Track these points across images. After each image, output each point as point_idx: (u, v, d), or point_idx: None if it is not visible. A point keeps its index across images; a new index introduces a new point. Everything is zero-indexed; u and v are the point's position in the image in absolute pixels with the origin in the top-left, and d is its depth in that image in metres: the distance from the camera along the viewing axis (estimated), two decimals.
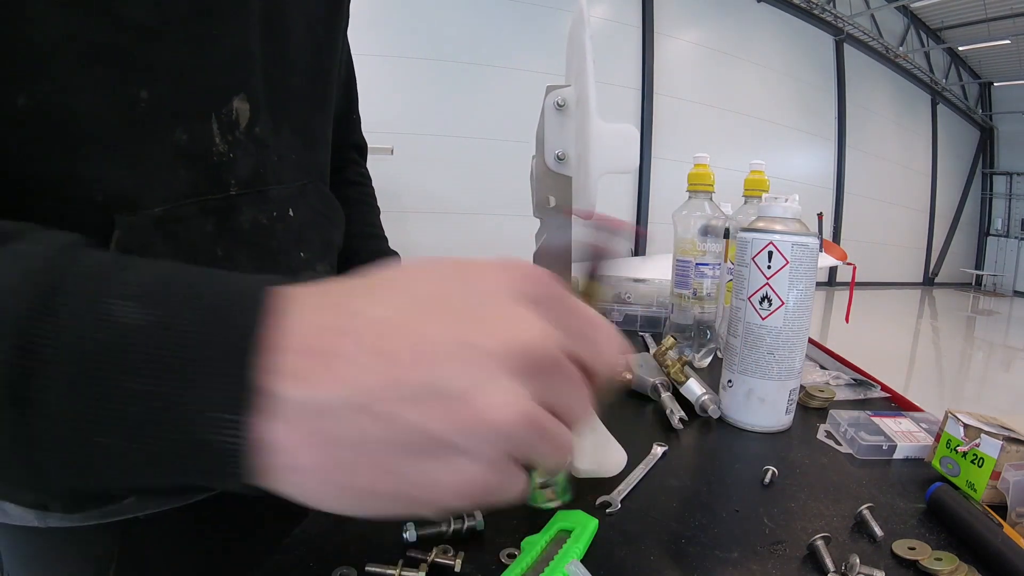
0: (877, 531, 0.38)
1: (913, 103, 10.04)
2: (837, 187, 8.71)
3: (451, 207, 5.55)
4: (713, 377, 0.68)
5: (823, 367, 0.76)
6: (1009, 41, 8.76)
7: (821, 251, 0.74)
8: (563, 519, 0.37)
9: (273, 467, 0.18)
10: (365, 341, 0.19)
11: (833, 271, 8.10)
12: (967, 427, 0.45)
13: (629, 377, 0.67)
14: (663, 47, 6.64)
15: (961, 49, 9.92)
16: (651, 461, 0.48)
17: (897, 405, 0.65)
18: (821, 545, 0.36)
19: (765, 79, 7.62)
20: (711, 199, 0.78)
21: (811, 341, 0.78)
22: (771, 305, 0.55)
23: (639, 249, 6.50)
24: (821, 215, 7.99)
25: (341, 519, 0.37)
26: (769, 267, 0.55)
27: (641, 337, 0.89)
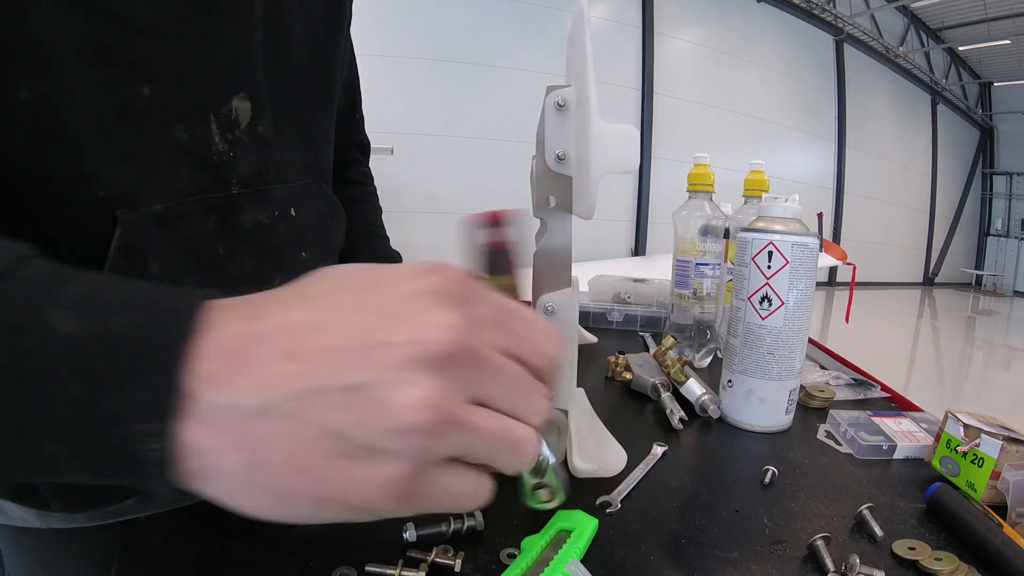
0: (877, 531, 0.38)
1: (913, 103, 10.04)
2: (837, 187, 8.71)
3: (451, 207, 5.54)
4: (713, 377, 0.68)
5: (823, 367, 0.76)
6: (1009, 41, 8.76)
7: (821, 251, 0.74)
8: (563, 519, 0.37)
9: (198, 471, 0.19)
10: (278, 345, 0.19)
11: (833, 271, 8.10)
12: (967, 427, 0.45)
13: (629, 377, 0.67)
14: (663, 47, 6.64)
15: (961, 49, 9.92)
16: (651, 461, 0.48)
17: (897, 405, 0.65)
18: (821, 545, 0.36)
19: (765, 79, 7.61)
20: (711, 199, 0.78)
21: (811, 341, 0.78)
22: (771, 305, 0.55)
23: (639, 248, 6.50)
24: (821, 215, 7.98)
25: None
26: (769, 267, 0.55)
27: (641, 337, 0.89)
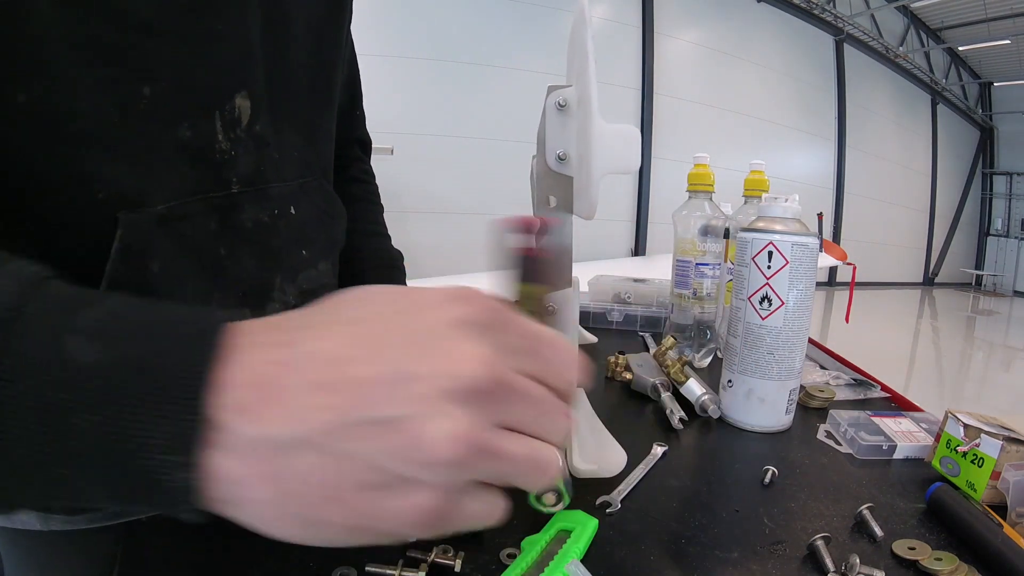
0: (877, 531, 0.38)
1: (913, 103, 10.03)
2: (837, 187, 8.70)
3: (451, 207, 5.54)
4: (713, 377, 0.68)
5: (823, 367, 0.76)
6: (1009, 41, 8.76)
7: (821, 251, 0.74)
8: (563, 519, 0.37)
9: (227, 499, 0.19)
10: (309, 375, 0.19)
11: (833, 271, 8.10)
12: (967, 427, 0.45)
13: (629, 377, 0.67)
14: (663, 47, 6.63)
15: (961, 49, 9.91)
16: (651, 461, 0.48)
17: (897, 405, 0.65)
18: (821, 545, 0.36)
19: (765, 79, 7.61)
20: (711, 199, 0.78)
21: (811, 341, 0.78)
22: (771, 305, 0.55)
23: (639, 249, 6.50)
24: (821, 215, 7.98)
25: None
26: (769, 267, 0.55)
27: (641, 337, 0.89)
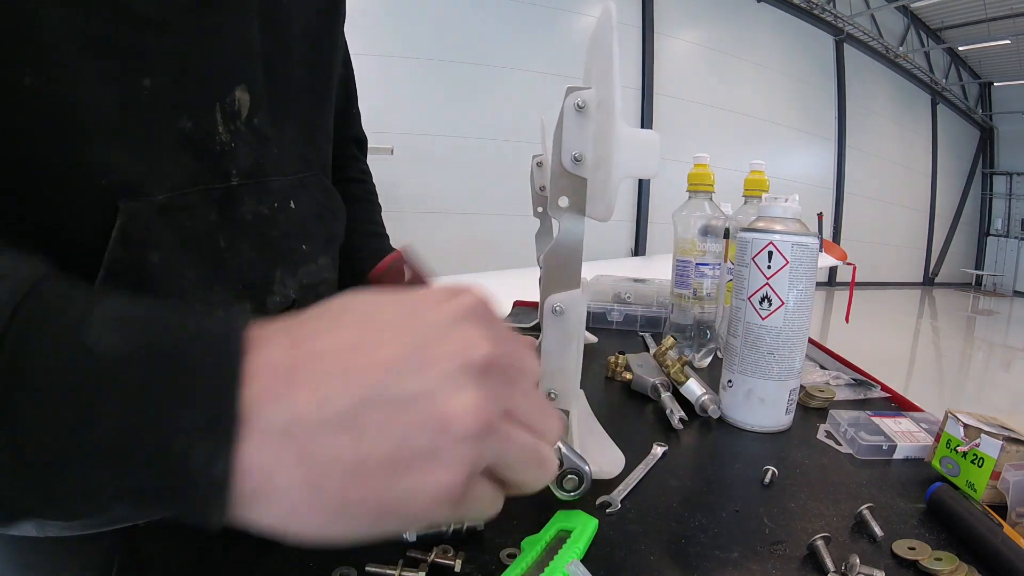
0: (877, 531, 0.38)
1: (913, 103, 10.04)
2: (837, 187, 8.71)
3: (451, 207, 5.55)
4: (713, 377, 0.68)
5: (823, 367, 0.76)
6: (1009, 41, 8.76)
7: (821, 251, 0.74)
8: (563, 519, 0.37)
9: (257, 491, 0.18)
10: (333, 363, 0.20)
11: (833, 271, 8.10)
12: (967, 427, 0.45)
13: (629, 377, 0.67)
14: (663, 47, 6.64)
15: (961, 49, 9.92)
16: (651, 461, 0.48)
17: (897, 405, 0.65)
18: (821, 545, 0.36)
19: (765, 79, 7.62)
20: (711, 199, 0.78)
21: (811, 341, 0.78)
22: (771, 305, 0.55)
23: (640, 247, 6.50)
24: (821, 215, 7.98)
25: None
26: (769, 267, 0.55)
27: (641, 337, 0.89)
